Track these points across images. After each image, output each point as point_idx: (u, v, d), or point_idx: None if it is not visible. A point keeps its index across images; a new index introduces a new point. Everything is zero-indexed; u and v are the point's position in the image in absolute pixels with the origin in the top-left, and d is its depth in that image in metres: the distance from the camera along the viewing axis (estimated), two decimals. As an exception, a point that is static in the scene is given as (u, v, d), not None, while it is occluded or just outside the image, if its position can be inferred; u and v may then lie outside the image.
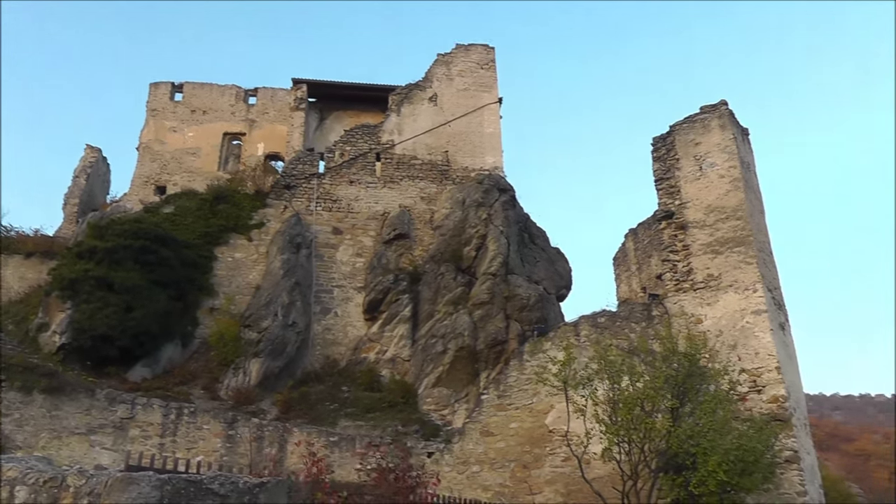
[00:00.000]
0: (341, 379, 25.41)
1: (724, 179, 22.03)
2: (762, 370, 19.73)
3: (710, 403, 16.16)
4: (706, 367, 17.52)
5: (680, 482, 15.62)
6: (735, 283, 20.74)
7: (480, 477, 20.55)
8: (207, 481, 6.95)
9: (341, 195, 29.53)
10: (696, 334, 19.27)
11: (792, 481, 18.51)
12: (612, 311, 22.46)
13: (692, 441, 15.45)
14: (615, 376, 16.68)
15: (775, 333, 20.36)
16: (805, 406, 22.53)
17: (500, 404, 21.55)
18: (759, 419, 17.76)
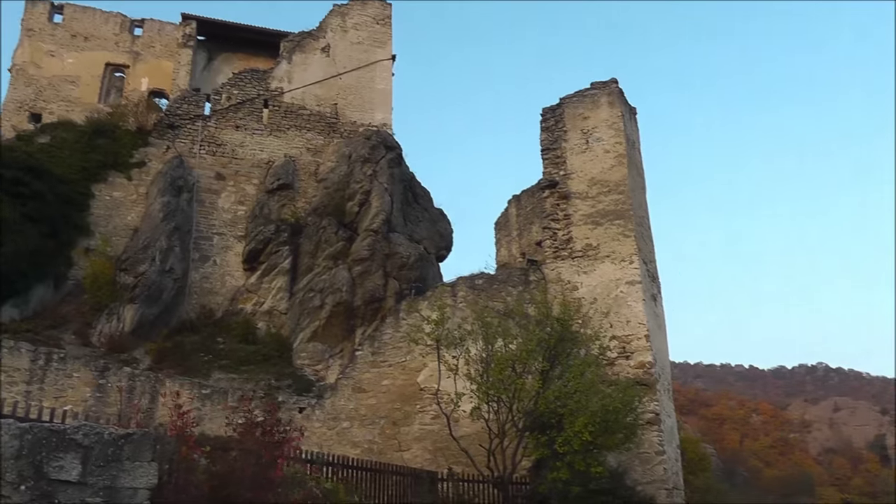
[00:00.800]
0: (217, 330, 25.13)
1: (609, 154, 22.95)
2: (632, 337, 20.89)
3: (579, 367, 17.07)
4: (578, 332, 18.43)
5: (545, 441, 16.44)
6: (612, 254, 21.78)
7: (350, 433, 20.94)
8: (71, 431, 6.93)
9: (226, 140, 28.94)
10: (570, 301, 20.20)
11: (651, 441, 19.78)
12: (490, 274, 23.14)
13: (560, 402, 16.32)
14: (490, 337, 17.34)
15: (647, 304, 21.55)
16: (669, 372, 24.05)
17: (374, 361, 21.96)
18: (624, 383, 18.79)
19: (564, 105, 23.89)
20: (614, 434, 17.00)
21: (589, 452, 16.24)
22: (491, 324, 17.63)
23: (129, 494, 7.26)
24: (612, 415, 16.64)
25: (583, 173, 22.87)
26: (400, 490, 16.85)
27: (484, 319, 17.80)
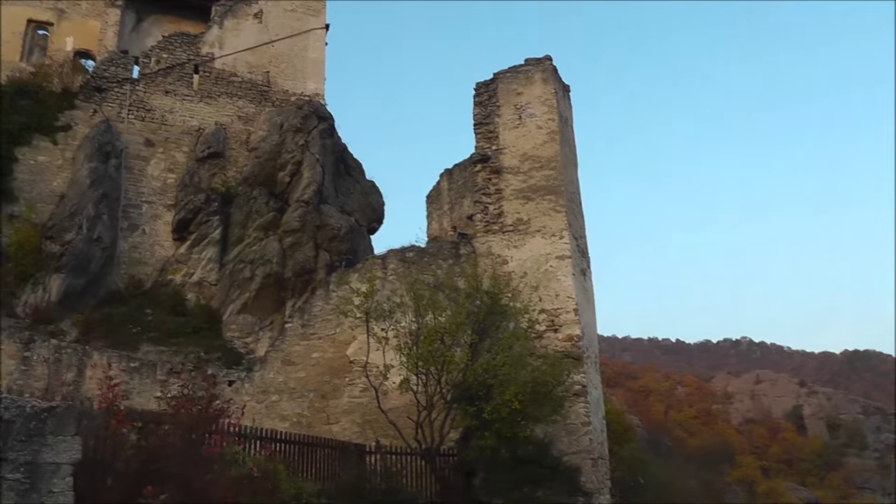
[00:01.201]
0: (146, 301, 24.82)
1: (541, 130, 23.24)
2: (561, 311, 21.35)
3: (508, 340, 17.43)
4: (508, 305, 18.79)
5: (473, 412, 16.76)
6: (543, 229, 22.16)
7: (279, 406, 20.99)
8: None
9: (155, 105, 28.33)
10: (500, 274, 20.51)
11: (578, 412, 20.32)
12: (420, 247, 23.30)
13: (488, 374, 16.68)
14: (420, 310, 17.54)
15: (576, 278, 22.02)
16: (597, 346, 24.66)
17: (304, 333, 21.97)
18: (553, 356, 19.25)
19: (498, 80, 24.06)
20: (542, 406, 17.39)
21: (517, 422, 16.63)
22: (421, 296, 17.81)
23: (52, 470, 7.18)
24: (542, 387, 17.05)
25: (515, 148, 23.14)
26: (328, 463, 17.00)
27: (414, 292, 17.96)
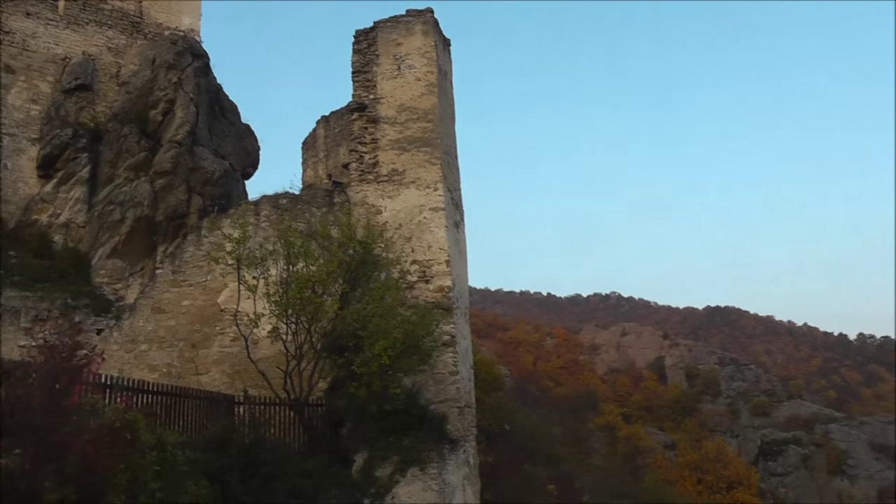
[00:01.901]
0: (9, 242, 23.64)
1: (420, 82, 23.33)
2: (433, 262, 21.75)
3: (379, 290, 17.76)
4: (380, 255, 19.10)
5: (342, 363, 17.07)
6: (418, 181, 22.44)
7: (149, 356, 20.65)
8: None
9: (16, 28, 26.50)
10: (374, 224, 20.74)
11: (446, 362, 20.88)
12: (294, 194, 23.14)
13: (358, 324, 16.97)
14: (292, 258, 17.57)
15: (449, 230, 22.46)
16: (468, 297, 25.31)
17: (175, 280, 21.59)
18: (423, 306, 19.71)
19: (378, 29, 23.94)
20: (411, 356, 17.79)
21: (386, 374, 16.98)
22: (293, 244, 17.82)
23: None
24: (412, 339, 17.45)
25: (393, 99, 23.21)
26: (196, 415, 16.82)
27: (286, 239, 17.95)
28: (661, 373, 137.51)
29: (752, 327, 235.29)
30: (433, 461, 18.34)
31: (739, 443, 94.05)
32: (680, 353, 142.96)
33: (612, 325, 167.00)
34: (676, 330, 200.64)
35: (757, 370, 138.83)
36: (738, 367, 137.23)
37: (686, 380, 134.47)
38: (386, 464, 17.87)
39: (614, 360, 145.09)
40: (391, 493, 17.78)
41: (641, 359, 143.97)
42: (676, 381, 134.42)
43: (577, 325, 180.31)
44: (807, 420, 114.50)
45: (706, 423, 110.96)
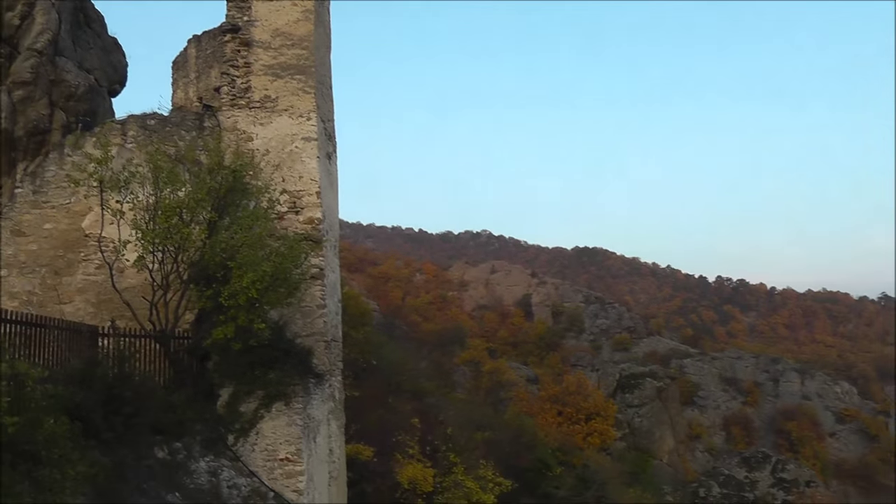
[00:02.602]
0: None
1: (296, 8, 22.65)
2: (303, 193, 21.58)
3: (247, 219, 17.56)
4: (250, 183, 18.85)
5: (210, 294, 16.86)
6: (290, 109, 22.06)
7: (8, 283, 19.67)
8: None
9: None
10: (244, 151, 20.41)
11: (314, 295, 20.92)
12: (163, 116, 22.33)
13: (226, 254, 16.78)
14: (159, 182, 17.09)
15: (321, 161, 22.31)
16: (338, 230, 25.33)
17: (36, 201, 20.58)
18: (292, 237, 19.58)
19: (255, -52, 23.10)
20: (279, 289, 17.72)
21: (253, 308, 16.86)
22: (161, 168, 17.32)
23: None
24: (281, 271, 17.36)
25: (268, 22, 22.56)
26: (58, 347, 16.15)
27: (154, 163, 17.40)
28: (527, 310, 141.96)
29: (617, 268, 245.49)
30: (298, 396, 18.47)
31: (599, 376, 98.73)
32: (547, 291, 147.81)
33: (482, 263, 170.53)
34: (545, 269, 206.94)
35: (620, 308, 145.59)
36: (602, 306, 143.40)
37: (552, 317, 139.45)
38: (251, 398, 17.92)
39: (482, 297, 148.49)
40: (256, 429, 17.91)
41: (509, 296, 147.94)
42: (542, 317, 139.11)
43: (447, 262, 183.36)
44: (664, 355, 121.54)
45: (569, 358, 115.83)
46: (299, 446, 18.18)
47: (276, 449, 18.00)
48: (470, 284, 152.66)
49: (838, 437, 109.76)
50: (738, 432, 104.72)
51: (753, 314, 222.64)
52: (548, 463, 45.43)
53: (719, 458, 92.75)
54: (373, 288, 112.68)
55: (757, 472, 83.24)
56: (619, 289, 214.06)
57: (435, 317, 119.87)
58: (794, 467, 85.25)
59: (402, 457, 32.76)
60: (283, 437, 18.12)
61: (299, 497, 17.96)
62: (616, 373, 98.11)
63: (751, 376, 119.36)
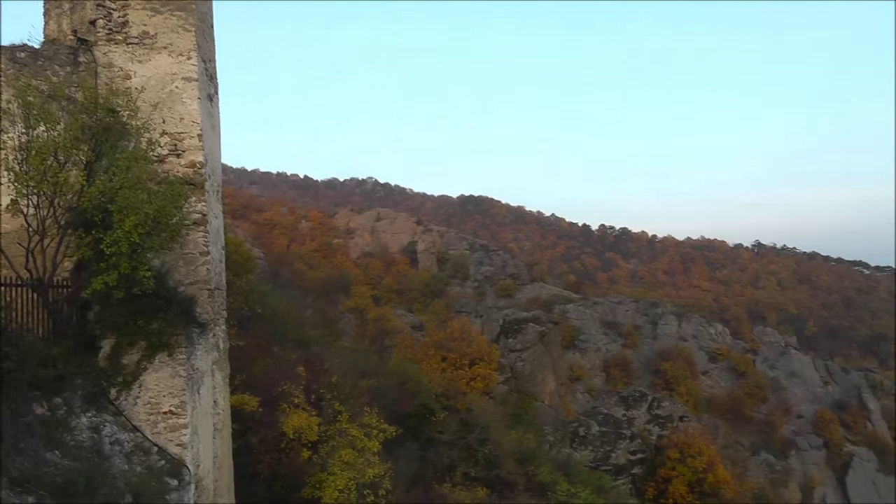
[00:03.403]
0: None
1: (176, -64, 21.68)
2: (184, 136, 20.81)
3: (126, 161, 16.82)
4: (128, 124, 18.03)
5: (90, 241, 16.17)
6: (170, 47, 21.12)
7: None
8: None
9: None
10: (121, 89, 19.48)
11: (197, 242, 20.33)
12: (35, 48, 20.97)
13: (106, 198, 16.06)
14: (31, 121, 16.17)
15: (202, 103, 21.50)
16: (220, 174, 24.57)
17: None
18: (173, 181, 18.92)
19: None
20: (160, 234, 17.17)
21: (135, 254, 16.33)
22: (32, 105, 16.32)
23: None
24: (162, 216, 16.78)
25: (145, -49, 21.42)
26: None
27: (24, 99, 16.37)
28: (412, 257, 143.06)
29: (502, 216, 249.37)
30: (182, 346, 18.01)
31: (483, 322, 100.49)
32: (432, 239, 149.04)
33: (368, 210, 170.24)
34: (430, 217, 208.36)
35: (504, 256, 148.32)
36: (486, 253, 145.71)
37: (436, 264, 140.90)
38: (134, 350, 17.36)
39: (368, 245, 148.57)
40: (138, 381, 17.39)
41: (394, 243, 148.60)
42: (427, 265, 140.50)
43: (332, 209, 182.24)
44: (547, 301, 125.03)
45: (453, 304, 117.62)
46: (183, 398, 17.80)
47: (159, 402, 17.57)
48: (355, 232, 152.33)
49: (710, 374, 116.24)
50: (617, 373, 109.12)
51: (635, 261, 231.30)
52: (432, 408, 46.13)
53: (599, 398, 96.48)
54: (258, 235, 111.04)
55: (634, 409, 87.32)
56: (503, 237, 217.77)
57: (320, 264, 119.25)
58: (668, 404, 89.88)
59: (287, 406, 32.65)
60: (166, 390, 17.69)
61: (183, 451, 17.65)
62: (500, 318, 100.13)
63: (631, 320, 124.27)
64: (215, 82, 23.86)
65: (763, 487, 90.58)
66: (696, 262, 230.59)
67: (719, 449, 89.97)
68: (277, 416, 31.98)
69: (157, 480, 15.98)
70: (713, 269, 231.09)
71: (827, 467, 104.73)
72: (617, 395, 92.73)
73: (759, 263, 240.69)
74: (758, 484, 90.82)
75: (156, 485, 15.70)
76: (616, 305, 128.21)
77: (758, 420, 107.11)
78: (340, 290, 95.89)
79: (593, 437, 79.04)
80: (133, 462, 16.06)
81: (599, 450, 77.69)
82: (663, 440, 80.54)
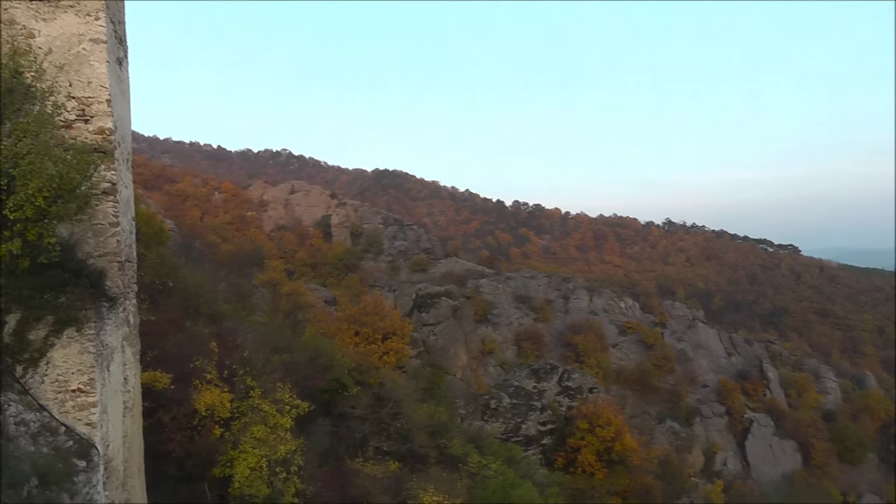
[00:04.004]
0: None
1: None
2: (92, 100, 19.77)
3: (32, 125, 15.85)
4: (33, 86, 17.01)
5: (-9, 207, 15.23)
6: (77, 6, 19.91)
7: None
8: None
9: None
10: (25, 49, 18.34)
11: (106, 212, 19.38)
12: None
13: (9, 162, 15.11)
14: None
15: (111, 66, 20.41)
16: (130, 142, 23.45)
17: None
18: (81, 147, 17.99)
19: None
20: (68, 203, 16.29)
21: (41, 222, 15.45)
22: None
23: None
24: (68, 182, 15.90)
25: None
26: None
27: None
28: (326, 231, 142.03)
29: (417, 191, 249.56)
30: (91, 321, 17.14)
31: (396, 297, 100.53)
32: (346, 213, 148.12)
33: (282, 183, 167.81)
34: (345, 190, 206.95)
35: (418, 230, 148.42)
36: (400, 228, 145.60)
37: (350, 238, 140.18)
38: (40, 325, 16.41)
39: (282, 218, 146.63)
40: (46, 358, 16.47)
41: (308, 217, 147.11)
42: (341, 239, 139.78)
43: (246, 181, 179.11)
44: (460, 276, 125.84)
45: (367, 279, 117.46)
46: (92, 376, 16.96)
47: (67, 379, 16.69)
48: (269, 205, 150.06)
49: (620, 347, 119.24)
50: (528, 347, 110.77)
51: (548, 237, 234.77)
52: (344, 383, 45.75)
53: (510, 371, 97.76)
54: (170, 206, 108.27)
55: (545, 382, 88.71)
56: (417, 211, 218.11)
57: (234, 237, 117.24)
58: (578, 376, 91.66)
59: (200, 383, 31.74)
60: (74, 367, 16.81)
61: (92, 430, 16.86)
62: (413, 293, 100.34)
63: (543, 294, 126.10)
64: (125, 46, 22.70)
65: (668, 453, 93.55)
66: (607, 239, 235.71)
67: (627, 418, 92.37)
68: (190, 393, 31.05)
69: (64, 462, 15.18)
70: (624, 245, 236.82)
71: (728, 433, 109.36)
72: (528, 368, 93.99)
73: (670, 241, 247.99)
74: (663, 450, 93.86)
75: (63, 466, 14.92)
76: (529, 280, 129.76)
77: (665, 390, 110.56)
78: (254, 264, 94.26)
79: (504, 409, 79.91)
80: (39, 443, 15.20)
81: (510, 422, 78.58)
82: (573, 411, 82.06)
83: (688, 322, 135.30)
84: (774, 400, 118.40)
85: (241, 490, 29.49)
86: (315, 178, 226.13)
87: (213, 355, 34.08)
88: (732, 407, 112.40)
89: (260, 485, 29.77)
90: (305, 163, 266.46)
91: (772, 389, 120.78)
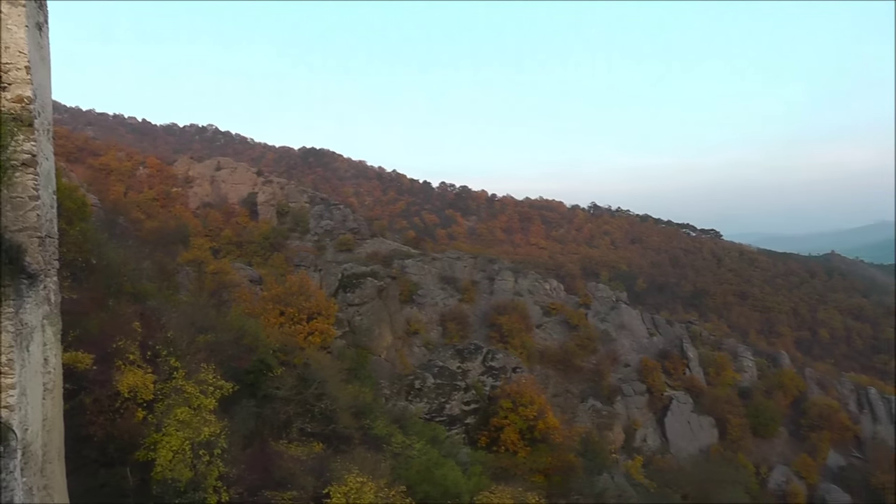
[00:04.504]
0: None
1: None
2: (10, 67, 18.67)
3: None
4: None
5: None
6: (-6, -36, 18.78)
7: None
8: None
9: None
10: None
11: (26, 185, 18.44)
12: None
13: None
14: None
15: (30, 31, 19.27)
16: (51, 112, 22.26)
17: None
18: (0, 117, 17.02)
19: None
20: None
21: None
22: None
23: None
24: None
25: None
26: None
27: None
28: (252, 209, 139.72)
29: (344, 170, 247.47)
30: (9, 299, 16.21)
31: (322, 276, 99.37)
32: (272, 191, 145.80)
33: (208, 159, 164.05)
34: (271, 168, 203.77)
35: (345, 210, 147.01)
36: (327, 207, 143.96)
37: (276, 217, 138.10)
38: (-43, 303, 15.38)
39: (207, 195, 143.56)
40: (-38, 338, 15.44)
41: (234, 194, 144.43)
42: (267, 217, 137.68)
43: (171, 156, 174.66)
44: (386, 256, 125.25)
45: (292, 258, 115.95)
46: (11, 356, 16.02)
47: (-18, 360, 15.67)
48: (195, 181, 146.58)
49: (544, 327, 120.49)
50: (453, 327, 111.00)
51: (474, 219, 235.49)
52: (269, 363, 44.94)
53: (435, 352, 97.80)
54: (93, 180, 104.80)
55: (469, 362, 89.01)
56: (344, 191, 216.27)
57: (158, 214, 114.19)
58: (502, 356, 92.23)
59: (122, 364, 30.56)
60: (-8, 347, 15.81)
61: (10, 413, 15.94)
62: (338, 273, 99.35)
63: (468, 276, 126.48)
64: (45, 10, 21.43)
65: (590, 431, 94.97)
66: (533, 222, 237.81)
67: (550, 397, 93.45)
68: (112, 375, 29.87)
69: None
70: (550, 228, 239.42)
71: (649, 410, 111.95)
72: (453, 349, 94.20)
73: (595, 224, 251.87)
74: (585, 428, 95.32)
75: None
76: (454, 261, 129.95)
77: (587, 369, 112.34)
78: (179, 242, 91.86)
79: (429, 389, 79.87)
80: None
81: (434, 402, 78.60)
82: (496, 391, 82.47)
83: (611, 303, 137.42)
84: (694, 378, 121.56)
85: (163, 474, 28.57)
86: (241, 154, 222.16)
87: (137, 335, 32.94)
88: (653, 385, 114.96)
89: (183, 468, 28.86)
90: (232, 139, 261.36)
91: (691, 368, 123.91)
